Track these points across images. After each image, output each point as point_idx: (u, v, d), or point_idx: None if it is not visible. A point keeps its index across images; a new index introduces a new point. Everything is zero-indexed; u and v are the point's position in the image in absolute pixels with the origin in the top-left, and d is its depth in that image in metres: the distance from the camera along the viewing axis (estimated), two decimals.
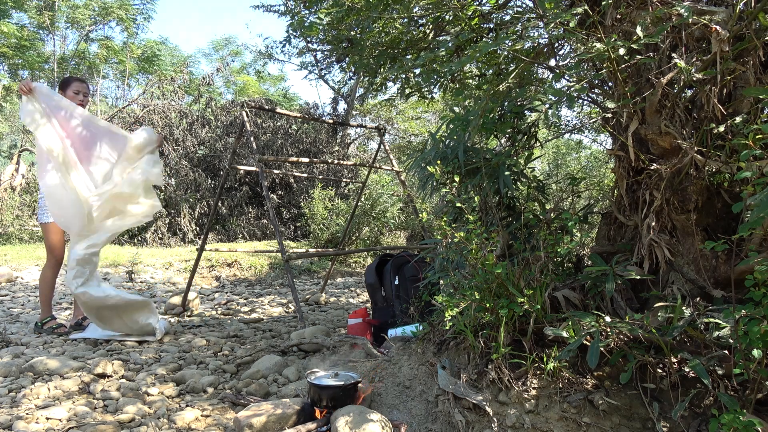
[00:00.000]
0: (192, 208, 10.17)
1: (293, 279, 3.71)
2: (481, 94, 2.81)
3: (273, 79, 21.59)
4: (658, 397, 1.80)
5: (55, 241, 3.53)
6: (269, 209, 3.68)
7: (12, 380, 2.55)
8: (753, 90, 1.58)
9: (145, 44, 18.11)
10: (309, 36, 3.35)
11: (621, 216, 2.28)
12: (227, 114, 11.90)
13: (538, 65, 2.82)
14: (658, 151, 2.01)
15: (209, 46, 24.91)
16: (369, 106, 15.06)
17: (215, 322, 4.18)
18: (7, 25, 14.10)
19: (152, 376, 2.69)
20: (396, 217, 9.75)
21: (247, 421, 1.94)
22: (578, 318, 1.84)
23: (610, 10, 2.06)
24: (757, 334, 1.45)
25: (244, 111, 3.99)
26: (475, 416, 1.87)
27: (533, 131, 2.72)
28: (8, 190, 9.41)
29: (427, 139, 2.71)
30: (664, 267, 2.02)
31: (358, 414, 1.87)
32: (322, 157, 11.53)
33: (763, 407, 1.61)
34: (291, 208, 11.04)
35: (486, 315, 2.01)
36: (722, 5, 1.93)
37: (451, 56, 3.14)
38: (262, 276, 7.21)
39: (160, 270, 6.85)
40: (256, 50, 17.30)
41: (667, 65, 1.96)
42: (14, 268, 6.31)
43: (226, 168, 4.29)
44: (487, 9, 3.05)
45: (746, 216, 1.74)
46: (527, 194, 2.71)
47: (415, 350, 2.37)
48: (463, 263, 2.29)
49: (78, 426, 2.06)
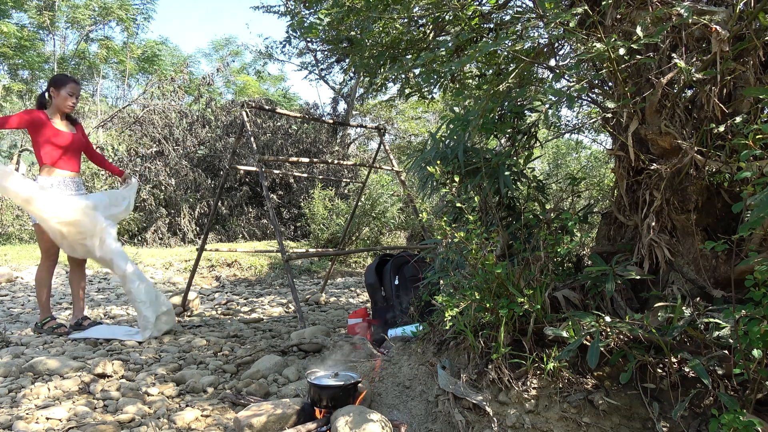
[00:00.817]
0: (192, 208, 10.17)
1: (293, 279, 3.71)
2: (481, 94, 2.81)
3: (273, 79, 21.59)
4: (658, 397, 1.80)
5: (50, 243, 3.49)
6: (269, 209, 3.68)
7: (12, 380, 2.55)
8: (753, 90, 1.58)
9: (145, 44, 18.12)
10: (309, 36, 3.35)
11: (621, 216, 2.28)
12: (227, 114, 11.90)
13: (538, 65, 2.82)
14: (658, 151, 2.01)
15: (209, 46, 24.95)
16: (369, 106, 15.06)
17: (215, 322, 4.18)
18: (7, 25, 14.11)
19: (152, 376, 2.69)
20: (396, 217, 9.75)
21: (247, 421, 1.94)
22: (578, 318, 1.84)
23: (610, 10, 2.06)
24: (757, 334, 1.45)
25: (244, 111, 3.99)
26: (475, 416, 1.87)
27: (533, 131, 2.72)
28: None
29: (427, 139, 2.71)
30: (664, 267, 2.02)
31: (358, 414, 1.87)
32: (322, 157, 11.53)
33: (763, 407, 1.61)
34: (291, 208, 11.04)
35: (486, 315, 2.01)
36: (722, 5, 1.93)
37: (451, 56, 3.14)
38: (262, 276, 7.21)
39: (160, 270, 6.85)
40: (256, 50, 17.31)
41: (667, 65, 1.96)
42: (14, 268, 6.31)
43: (226, 168, 4.29)
44: (487, 9, 3.05)
45: (746, 216, 1.74)
46: (527, 194, 2.71)
47: (415, 350, 2.37)
48: (463, 263, 2.29)
49: (78, 426, 2.06)
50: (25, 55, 15.26)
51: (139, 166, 9.86)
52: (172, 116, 10.83)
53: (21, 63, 15.61)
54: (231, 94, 20.64)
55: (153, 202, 9.55)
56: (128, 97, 17.42)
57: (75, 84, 3.57)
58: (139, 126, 10.50)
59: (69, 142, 3.52)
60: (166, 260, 7.15)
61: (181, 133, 10.89)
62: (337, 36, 3.28)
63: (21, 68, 16.04)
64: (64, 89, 3.49)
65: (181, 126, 11.04)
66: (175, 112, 11.01)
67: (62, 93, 3.48)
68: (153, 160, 10.04)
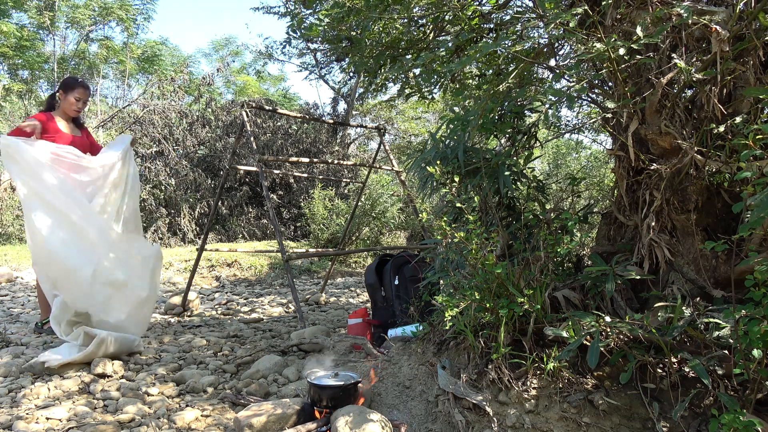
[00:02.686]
0: (192, 208, 10.17)
1: (293, 279, 3.71)
2: (481, 94, 2.81)
3: (273, 79, 21.58)
4: (658, 397, 1.80)
5: None
6: (269, 209, 3.69)
7: (12, 380, 2.55)
8: (753, 90, 1.58)
9: (145, 44, 18.10)
10: (309, 36, 3.35)
11: (621, 216, 2.27)
12: (227, 114, 11.89)
13: (538, 65, 2.82)
14: (658, 151, 2.01)
15: (209, 46, 24.89)
16: (369, 106, 15.05)
17: (215, 322, 4.18)
18: (7, 25, 14.10)
19: (152, 376, 2.69)
20: (396, 217, 9.75)
21: (247, 421, 1.94)
22: (578, 318, 1.84)
23: (610, 10, 2.06)
24: (757, 334, 1.45)
25: (244, 111, 3.99)
26: (475, 416, 1.87)
27: (533, 131, 2.72)
28: (8, 190, 9.40)
29: (427, 139, 2.71)
30: (664, 267, 2.02)
31: (358, 414, 1.87)
32: (322, 157, 11.52)
33: (763, 407, 1.61)
34: (291, 208, 11.04)
35: (486, 315, 2.01)
36: (722, 5, 1.93)
37: (451, 56, 3.14)
38: (262, 276, 7.21)
39: None
40: (256, 50, 17.31)
41: (667, 65, 1.96)
42: (14, 268, 6.31)
43: (226, 168, 4.29)
44: (487, 9, 3.05)
45: (746, 216, 1.75)
46: (527, 194, 2.71)
47: (415, 350, 2.37)
48: (463, 263, 2.29)
49: (78, 426, 2.06)
50: (25, 55, 15.24)
51: (139, 166, 9.85)
52: (172, 116, 10.82)
53: (21, 63, 15.60)
54: (231, 94, 20.63)
55: (153, 202, 9.55)
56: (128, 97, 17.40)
57: (83, 89, 3.56)
58: (139, 126, 10.49)
59: (68, 144, 3.52)
60: (166, 260, 7.14)
61: (181, 133, 10.88)
62: (337, 36, 3.28)
63: (21, 68, 16.02)
64: (72, 93, 3.50)
65: (181, 126, 11.03)
66: (175, 112, 10.99)
67: (70, 97, 3.50)
68: (153, 160, 10.04)
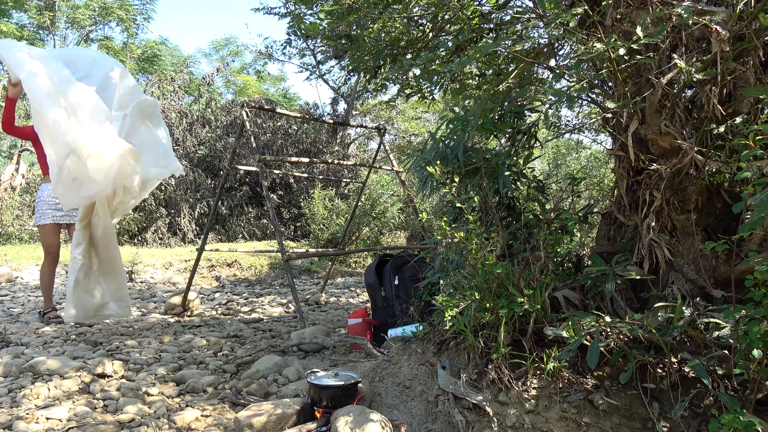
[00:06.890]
0: (192, 208, 10.17)
1: (293, 279, 3.71)
2: (481, 94, 2.80)
3: (273, 79, 21.56)
4: (658, 397, 1.80)
5: (51, 242, 3.76)
6: (269, 209, 3.69)
7: (12, 380, 2.55)
8: (753, 90, 1.58)
9: (145, 44, 18.08)
10: (309, 34, 3.35)
11: (621, 216, 2.27)
12: (227, 114, 11.89)
13: (538, 65, 2.82)
14: (658, 151, 2.01)
15: (209, 46, 24.85)
16: (369, 106, 15.05)
17: (215, 322, 4.18)
18: (7, 25, 14.09)
19: (152, 376, 2.69)
20: (396, 217, 9.75)
21: (247, 421, 1.94)
22: (578, 318, 1.84)
23: (610, 10, 2.06)
24: (757, 334, 1.45)
25: (244, 111, 3.99)
26: (475, 416, 1.87)
27: (533, 131, 2.72)
28: (8, 190, 9.40)
29: (427, 139, 2.71)
30: (664, 267, 2.02)
31: (358, 414, 1.87)
32: (322, 157, 11.52)
33: (763, 407, 1.61)
34: (291, 208, 11.04)
35: (486, 315, 2.01)
36: (722, 5, 1.93)
37: (451, 56, 3.14)
38: (262, 276, 7.21)
39: (160, 270, 6.85)
40: (256, 50, 17.30)
41: (667, 65, 1.96)
42: (14, 268, 6.31)
43: (226, 168, 4.29)
44: (487, 9, 3.05)
45: (746, 216, 1.74)
46: (527, 194, 2.71)
47: (415, 350, 2.37)
48: (463, 263, 2.29)
49: (78, 426, 2.06)
50: None
51: None
52: (172, 116, 10.82)
53: None
54: (231, 94, 20.62)
55: (153, 202, 9.55)
56: None
57: None
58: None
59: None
60: (166, 260, 7.14)
61: (181, 133, 10.88)
62: (337, 33, 3.28)
63: None
64: None
65: (181, 126, 11.03)
66: (175, 112, 11.00)
67: None
68: None
